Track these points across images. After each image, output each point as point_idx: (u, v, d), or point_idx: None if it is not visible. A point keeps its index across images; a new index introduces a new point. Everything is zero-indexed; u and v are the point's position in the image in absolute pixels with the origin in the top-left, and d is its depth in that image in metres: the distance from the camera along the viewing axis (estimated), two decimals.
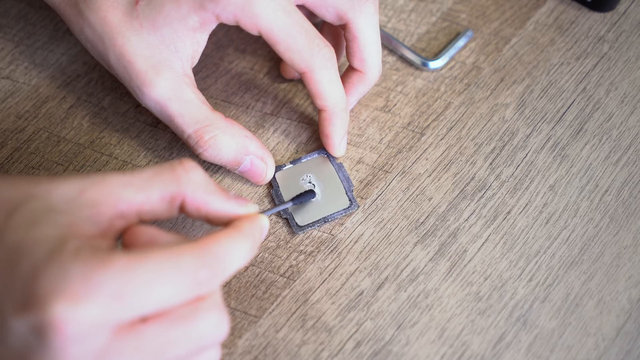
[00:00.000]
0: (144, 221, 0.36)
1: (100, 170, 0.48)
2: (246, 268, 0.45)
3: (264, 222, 0.38)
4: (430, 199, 0.47)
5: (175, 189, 0.36)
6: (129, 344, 0.32)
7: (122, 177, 0.35)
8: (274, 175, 0.48)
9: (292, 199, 0.45)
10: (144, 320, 0.33)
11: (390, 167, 0.49)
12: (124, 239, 0.36)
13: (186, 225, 0.46)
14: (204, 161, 0.48)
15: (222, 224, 0.38)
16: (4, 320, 0.32)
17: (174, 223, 0.47)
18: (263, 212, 0.40)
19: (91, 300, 0.31)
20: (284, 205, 0.45)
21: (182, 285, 0.33)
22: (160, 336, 0.33)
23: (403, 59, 0.53)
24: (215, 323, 0.34)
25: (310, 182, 0.48)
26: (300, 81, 0.52)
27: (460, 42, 0.53)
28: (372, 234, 0.46)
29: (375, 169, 0.49)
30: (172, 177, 0.36)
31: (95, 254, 0.32)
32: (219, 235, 0.35)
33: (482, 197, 0.47)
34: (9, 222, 0.33)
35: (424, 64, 0.52)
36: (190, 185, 0.36)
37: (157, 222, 0.46)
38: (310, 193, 0.46)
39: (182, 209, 0.37)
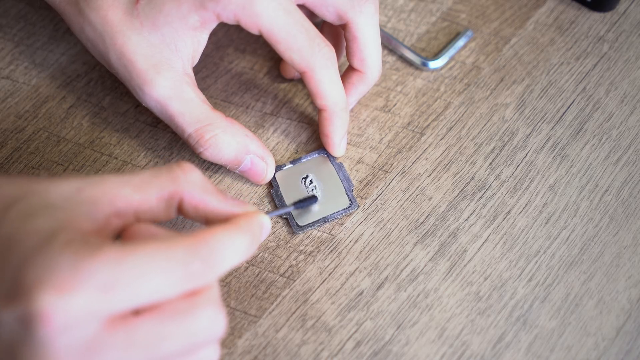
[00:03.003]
0: (141, 222, 0.36)
1: (99, 170, 0.48)
2: (246, 268, 0.45)
3: (264, 219, 0.38)
4: (430, 199, 0.47)
5: (173, 188, 0.36)
6: (120, 336, 0.32)
7: (120, 178, 0.35)
8: (274, 175, 0.48)
9: (294, 203, 0.45)
10: (137, 313, 0.32)
11: (390, 167, 0.49)
12: (123, 237, 0.36)
13: (186, 227, 0.46)
14: (204, 161, 0.48)
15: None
16: None
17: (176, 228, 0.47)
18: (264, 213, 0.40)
19: (79, 290, 0.30)
20: (286, 209, 0.44)
21: (173, 277, 0.32)
22: (152, 330, 0.32)
23: (403, 58, 0.53)
24: (211, 319, 0.34)
25: (311, 182, 0.48)
26: (300, 81, 0.52)
27: (460, 42, 0.53)
28: (372, 233, 0.46)
29: (375, 169, 0.49)
30: (169, 177, 0.36)
31: (85, 245, 0.32)
32: (214, 228, 0.34)
33: (482, 197, 0.47)
34: (5, 215, 0.33)
35: (424, 64, 0.52)
36: (187, 184, 0.36)
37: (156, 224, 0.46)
38: (312, 199, 0.46)
39: (180, 209, 0.37)
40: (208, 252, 0.33)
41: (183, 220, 0.47)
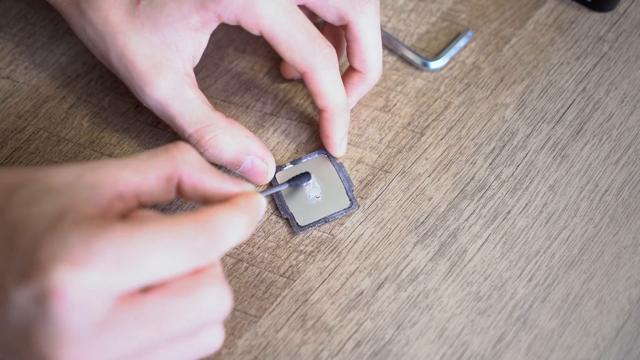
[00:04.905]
0: (143, 204, 0.37)
1: None
2: (246, 268, 0.45)
3: (260, 199, 0.38)
4: (430, 199, 0.47)
5: (171, 168, 0.36)
6: (130, 314, 0.32)
7: (119, 161, 0.36)
8: (275, 175, 0.48)
9: (288, 181, 0.46)
10: (145, 291, 0.33)
11: (390, 167, 0.49)
12: (126, 220, 0.36)
13: None
14: None
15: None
16: (5, 294, 0.32)
17: None
18: (259, 192, 0.40)
19: (91, 265, 0.31)
20: (280, 187, 0.45)
21: (180, 253, 0.33)
22: (160, 307, 0.33)
23: (403, 59, 0.53)
24: (216, 296, 0.34)
25: (312, 182, 0.48)
26: (300, 81, 0.52)
27: (461, 42, 0.53)
28: (372, 234, 0.46)
29: (375, 169, 0.49)
30: (167, 157, 0.37)
31: (93, 224, 0.32)
32: (215, 207, 0.35)
33: (482, 197, 0.47)
34: (9, 201, 0.34)
35: (424, 64, 0.52)
36: (185, 164, 0.37)
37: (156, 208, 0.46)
38: (305, 175, 0.46)
39: (179, 190, 0.37)
40: (212, 228, 0.34)
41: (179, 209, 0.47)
